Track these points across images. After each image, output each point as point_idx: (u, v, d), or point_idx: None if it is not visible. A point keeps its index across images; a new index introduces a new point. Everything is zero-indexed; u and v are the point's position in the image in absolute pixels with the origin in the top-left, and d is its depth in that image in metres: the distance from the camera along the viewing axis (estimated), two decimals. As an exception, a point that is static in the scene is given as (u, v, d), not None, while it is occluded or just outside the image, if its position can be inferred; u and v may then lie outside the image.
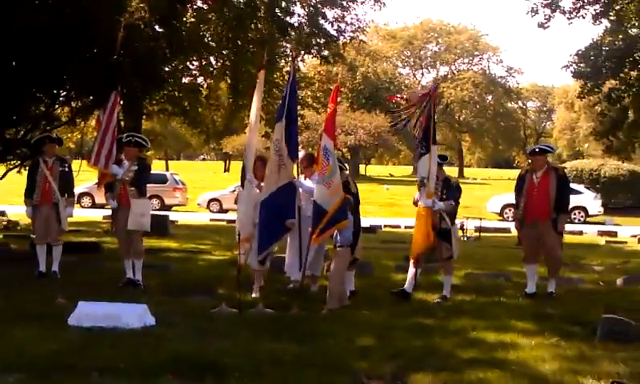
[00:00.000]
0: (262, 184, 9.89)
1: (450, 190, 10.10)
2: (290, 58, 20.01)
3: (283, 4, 20.73)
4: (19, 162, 14.85)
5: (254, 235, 9.81)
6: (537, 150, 10.78)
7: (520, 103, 78.57)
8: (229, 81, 22.02)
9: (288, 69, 21.89)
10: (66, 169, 11.02)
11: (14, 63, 12.46)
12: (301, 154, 10.53)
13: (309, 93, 23.56)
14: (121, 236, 10.31)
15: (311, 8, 21.28)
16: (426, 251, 10.05)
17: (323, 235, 9.48)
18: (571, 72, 17.85)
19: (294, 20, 21.55)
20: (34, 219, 11.04)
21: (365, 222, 15.02)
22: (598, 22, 17.39)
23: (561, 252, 10.72)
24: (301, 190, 10.07)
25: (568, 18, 17.50)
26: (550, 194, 10.32)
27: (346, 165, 11.14)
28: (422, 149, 9.95)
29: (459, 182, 10.77)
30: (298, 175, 10.29)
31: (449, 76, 75.51)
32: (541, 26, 17.69)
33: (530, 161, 11.01)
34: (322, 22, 21.53)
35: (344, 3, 21.72)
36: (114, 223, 10.61)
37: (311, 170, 10.08)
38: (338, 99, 11.22)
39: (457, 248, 10.26)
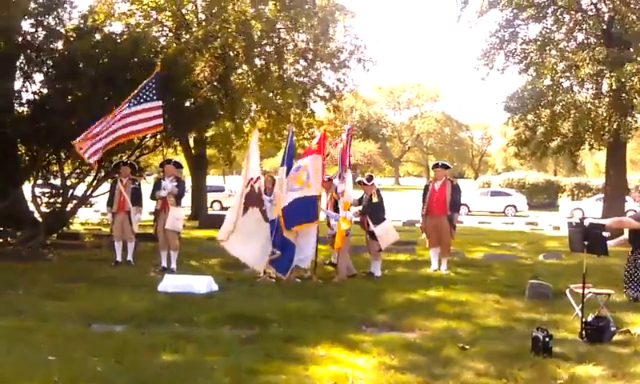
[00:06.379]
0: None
1: (369, 203, 9.39)
2: (291, 121, 19.83)
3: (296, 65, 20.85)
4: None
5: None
6: (439, 165, 10.33)
7: (469, 133, 77.99)
8: (262, 121, 22.11)
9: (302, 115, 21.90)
10: (137, 186, 10.32)
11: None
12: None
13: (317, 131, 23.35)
14: (161, 234, 9.60)
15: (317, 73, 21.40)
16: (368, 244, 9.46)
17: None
18: (503, 108, 17.76)
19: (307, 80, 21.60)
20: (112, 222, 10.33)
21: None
22: (522, 75, 17.39)
23: (450, 240, 9.96)
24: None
25: (500, 72, 17.53)
26: (445, 197, 9.71)
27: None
28: (341, 171, 9.20)
29: (380, 196, 9.48)
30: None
31: (418, 115, 75.14)
32: (482, 79, 17.64)
33: (433, 172, 10.34)
34: (326, 82, 21.73)
35: (341, 71, 21.71)
36: (156, 225, 9.80)
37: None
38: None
39: (384, 242, 9.42)
